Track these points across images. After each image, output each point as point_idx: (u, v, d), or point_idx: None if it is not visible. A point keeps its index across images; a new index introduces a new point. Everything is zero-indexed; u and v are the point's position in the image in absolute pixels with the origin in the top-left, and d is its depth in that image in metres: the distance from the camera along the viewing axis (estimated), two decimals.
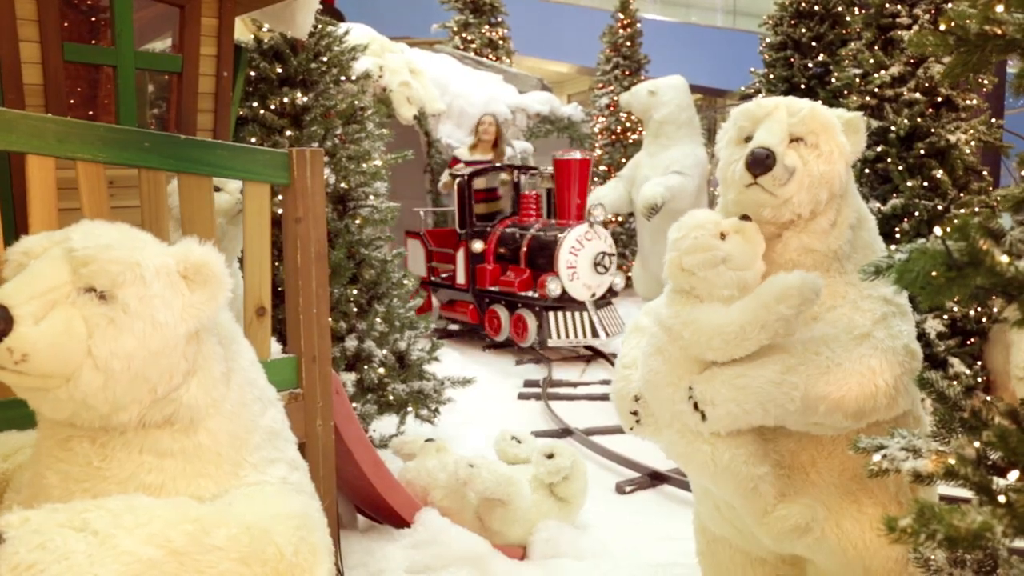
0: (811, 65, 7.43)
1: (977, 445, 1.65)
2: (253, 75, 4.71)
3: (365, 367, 4.64)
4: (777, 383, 2.23)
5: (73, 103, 3.56)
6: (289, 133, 4.66)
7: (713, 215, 2.45)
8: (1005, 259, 1.44)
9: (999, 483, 1.57)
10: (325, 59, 4.87)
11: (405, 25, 14.38)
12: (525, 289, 7.85)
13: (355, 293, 4.73)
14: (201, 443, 1.76)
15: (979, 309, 4.98)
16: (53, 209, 2.31)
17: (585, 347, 7.96)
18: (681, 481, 4.54)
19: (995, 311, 4.91)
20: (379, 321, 4.81)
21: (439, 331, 8.81)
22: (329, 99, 4.84)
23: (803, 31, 7.48)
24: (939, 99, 5.38)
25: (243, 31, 4.86)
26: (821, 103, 2.49)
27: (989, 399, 1.80)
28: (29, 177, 2.29)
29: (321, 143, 4.69)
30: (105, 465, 1.69)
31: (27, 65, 3.06)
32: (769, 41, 7.76)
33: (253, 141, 4.56)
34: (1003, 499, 1.52)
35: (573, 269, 7.57)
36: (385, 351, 4.77)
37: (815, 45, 7.47)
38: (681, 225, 2.44)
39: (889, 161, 5.37)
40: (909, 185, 5.23)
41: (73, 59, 3.21)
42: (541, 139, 11.15)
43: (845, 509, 2.37)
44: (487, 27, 14.34)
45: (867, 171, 5.51)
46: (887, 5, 5.65)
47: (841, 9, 7.48)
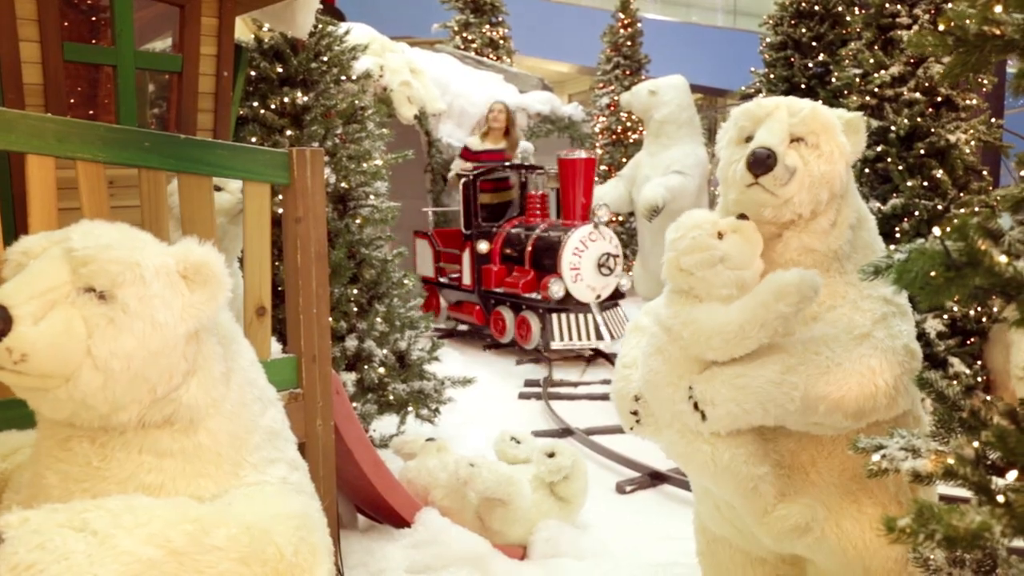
0: (811, 65, 7.43)
1: (976, 445, 1.65)
2: (253, 75, 4.71)
3: (365, 367, 4.64)
4: (777, 383, 2.23)
5: (73, 103, 3.56)
6: (289, 133, 4.66)
7: (710, 215, 2.44)
8: (1004, 259, 1.45)
9: (998, 483, 1.57)
10: (325, 59, 4.87)
11: (406, 25, 14.39)
12: (529, 291, 7.72)
13: (355, 293, 4.73)
14: (201, 443, 1.76)
15: (979, 309, 4.97)
16: (53, 209, 2.31)
17: (590, 349, 7.83)
18: (681, 481, 4.54)
19: (995, 311, 4.91)
20: (379, 321, 4.81)
21: (443, 331, 8.77)
22: (329, 99, 4.84)
23: (803, 31, 7.48)
24: (939, 99, 5.38)
25: (243, 31, 4.86)
26: (821, 103, 2.49)
27: (989, 399, 1.80)
28: (29, 177, 2.29)
29: (321, 143, 4.68)
30: (105, 465, 1.69)
31: (27, 65, 3.05)
32: (769, 41, 7.76)
33: (253, 141, 4.56)
34: (1002, 499, 1.53)
35: (577, 271, 7.43)
36: (385, 351, 4.77)
37: (815, 45, 7.47)
38: (678, 225, 2.43)
39: (889, 161, 5.37)
40: (909, 185, 5.23)
41: (73, 59, 3.21)
42: (542, 139, 11.13)
43: (845, 509, 2.37)
44: (488, 27, 14.33)
45: (867, 171, 5.51)
46: (887, 5, 5.65)
47: (841, 9, 7.48)
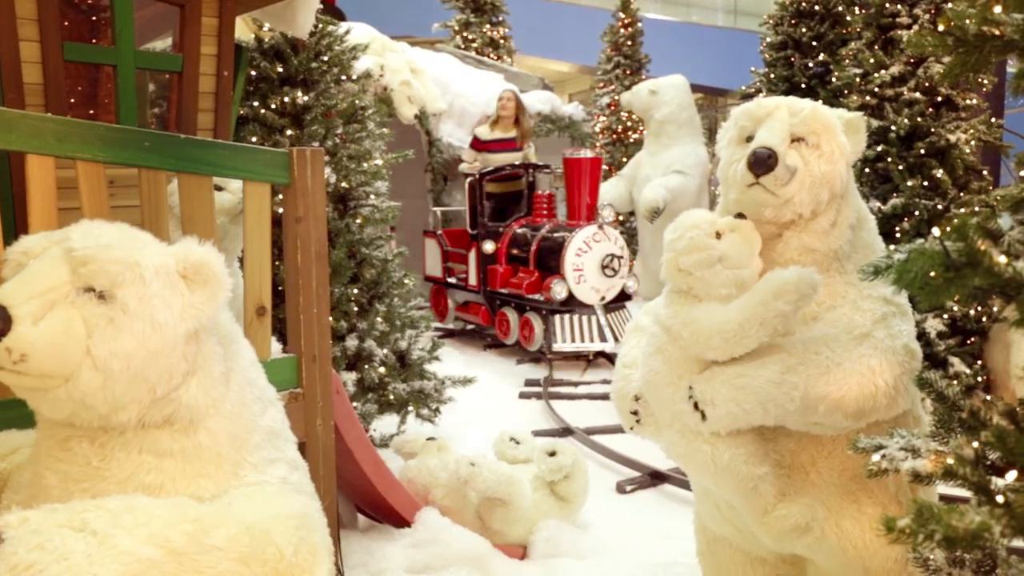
0: (811, 65, 7.43)
1: (976, 445, 1.65)
2: (254, 74, 4.71)
3: (366, 366, 4.64)
4: (777, 383, 2.23)
5: (73, 102, 3.56)
6: (290, 132, 4.66)
7: (708, 214, 2.44)
8: (1003, 259, 1.45)
9: (997, 483, 1.57)
10: (326, 58, 4.87)
11: (406, 24, 14.39)
12: (533, 292, 7.59)
13: (356, 292, 4.73)
14: (201, 443, 1.76)
15: (979, 308, 4.97)
16: (53, 209, 2.31)
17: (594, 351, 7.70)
18: (681, 480, 4.53)
19: (995, 310, 4.90)
20: (380, 320, 4.81)
21: (443, 331, 8.74)
22: (330, 98, 4.84)
23: (803, 31, 7.48)
24: (939, 99, 5.38)
25: (244, 30, 4.86)
26: (821, 103, 2.49)
27: (988, 399, 1.80)
28: (29, 177, 2.29)
29: (322, 142, 4.68)
30: (104, 465, 1.69)
31: (27, 64, 3.05)
32: (770, 41, 7.76)
33: (254, 140, 4.56)
34: (1001, 499, 1.53)
35: (580, 272, 7.31)
36: (386, 350, 4.77)
37: (815, 45, 7.47)
38: (677, 225, 2.43)
39: (889, 161, 5.37)
40: (909, 184, 5.23)
41: (73, 58, 3.21)
42: (542, 138, 11.14)
43: (845, 509, 2.38)
44: (488, 26, 14.32)
45: (867, 171, 5.51)
46: (887, 5, 5.64)
47: (841, 9, 7.48)
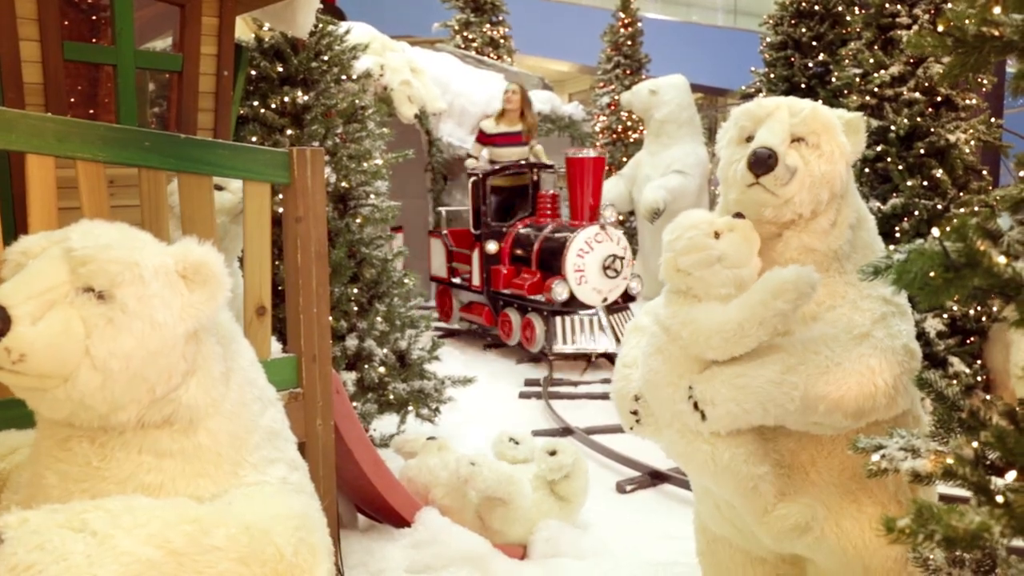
0: (811, 65, 7.43)
1: (975, 445, 1.65)
2: (254, 74, 4.70)
3: (365, 366, 4.64)
4: (777, 383, 2.23)
5: (73, 102, 3.56)
6: (290, 132, 4.66)
7: (707, 214, 2.44)
8: (1002, 260, 1.45)
9: (997, 483, 1.57)
10: (326, 58, 4.87)
11: (406, 24, 14.38)
12: (535, 292, 7.50)
13: (356, 292, 4.73)
14: (201, 443, 1.76)
15: (979, 308, 4.97)
16: (53, 208, 2.31)
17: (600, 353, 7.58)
18: (681, 480, 4.54)
19: (995, 310, 4.90)
20: (380, 320, 4.81)
21: (443, 330, 8.74)
22: (330, 98, 4.84)
23: (803, 31, 7.48)
24: (939, 99, 5.38)
25: (244, 30, 4.86)
26: (821, 103, 2.49)
27: (988, 398, 1.80)
28: (29, 176, 2.29)
29: (322, 142, 4.68)
30: (104, 465, 1.69)
31: (27, 64, 3.05)
32: (769, 40, 7.76)
33: (254, 140, 4.56)
34: (1001, 499, 1.53)
35: (581, 273, 7.21)
36: (386, 350, 4.77)
37: (815, 45, 7.47)
38: (675, 226, 2.43)
39: (889, 160, 5.37)
40: (909, 184, 5.23)
41: (73, 58, 3.21)
42: (542, 138, 11.12)
43: (845, 508, 2.38)
44: (488, 26, 14.32)
45: (867, 170, 5.51)
46: (887, 5, 5.64)
47: (841, 9, 7.48)
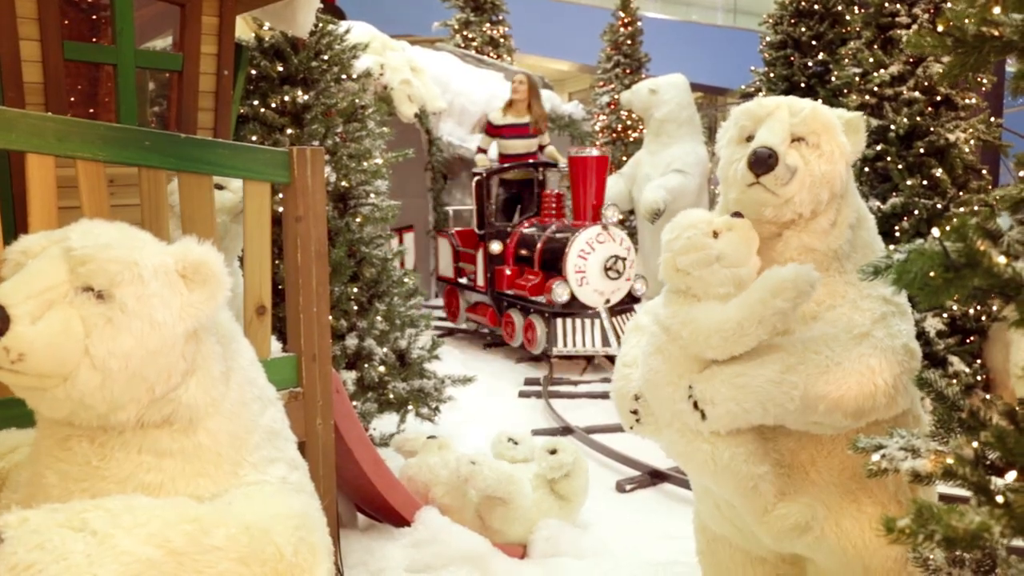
0: (811, 64, 7.42)
1: (975, 445, 1.65)
2: (254, 73, 4.70)
3: (365, 365, 4.63)
4: (777, 382, 2.23)
5: (73, 101, 3.56)
6: (290, 131, 4.66)
7: (705, 214, 2.44)
8: (1002, 260, 1.45)
9: (997, 483, 1.57)
10: (326, 57, 4.87)
11: (406, 23, 14.38)
12: (537, 294, 7.43)
13: (355, 291, 4.73)
14: (200, 443, 1.76)
15: (979, 307, 4.97)
16: (53, 208, 2.31)
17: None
18: (681, 479, 4.54)
19: (995, 309, 4.90)
20: (379, 319, 4.81)
21: (443, 330, 8.74)
22: (330, 97, 4.84)
23: (803, 30, 7.47)
24: (938, 98, 5.38)
25: (244, 29, 4.86)
26: (821, 102, 2.49)
27: (988, 398, 1.80)
28: (29, 176, 2.29)
29: (322, 141, 4.68)
30: (104, 465, 1.69)
31: (27, 63, 3.06)
32: (769, 40, 7.74)
33: (254, 140, 4.56)
34: (1001, 499, 1.53)
35: (582, 274, 7.15)
36: (385, 349, 4.77)
37: (815, 44, 7.45)
38: (674, 226, 2.43)
39: (888, 160, 5.37)
40: (908, 184, 5.23)
41: (73, 57, 3.21)
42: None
43: (845, 508, 2.38)
44: (488, 25, 14.32)
45: (867, 170, 5.51)
46: (886, 4, 5.64)
47: (841, 8, 7.47)
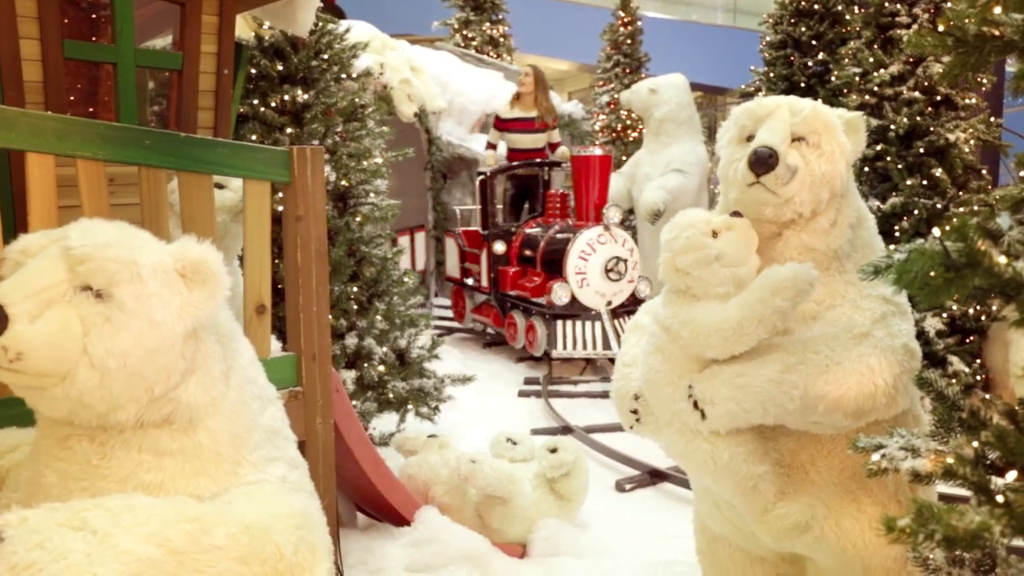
0: (811, 64, 7.41)
1: (975, 445, 1.65)
2: (254, 72, 4.70)
3: (365, 365, 4.63)
4: (777, 382, 2.24)
5: (73, 100, 3.56)
6: (290, 131, 4.66)
7: (704, 213, 2.44)
8: (1003, 260, 1.45)
9: (997, 483, 1.57)
10: (326, 57, 4.87)
11: (406, 22, 14.37)
12: (538, 295, 7.34)
13: (355, 291, 4.73)
14: (200, 442, 1.76)
15: (978, 307, 4.97)
16: (53, 207, 2.31)
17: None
18: (681, 479, 4.54)
19: (994, 309, 4.91)
20: (379, 319, 4.81)
21: (443, 329, 8.72)
22: (330, 97, 4.84)
23: (803, 30, 7.47)
24: (938, 98, 5.38)
25: (244, 28, 4.86)
26: (821, 102, 2.49)
27: (988, 398, 1.80)
28: (29, 175, 2.29)
29: (322, 141, 4.68)
30: (104, 464, 1.69)
31: (27, 62, 3.05)
32: (769, 39, 7.74)
33: (254, 139, 4.56)
34: (1001, 499, 1.53)
35: (583, 275, 7.05)
36: (385, 349, 4.77)
37: (815, 44, 7.45)
38: (673, 225, 2.43)
39: (888, 160, 5.37)
40: (908, 183, 5.23)
41: (73, 56, 3.21)
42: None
43: (844, 508, 2.38)
44: (488, 24, 14.30)
45: (867, 169, 5.50)
46: (886, 4, 5.64)
47: (841, 8, 7.47)
